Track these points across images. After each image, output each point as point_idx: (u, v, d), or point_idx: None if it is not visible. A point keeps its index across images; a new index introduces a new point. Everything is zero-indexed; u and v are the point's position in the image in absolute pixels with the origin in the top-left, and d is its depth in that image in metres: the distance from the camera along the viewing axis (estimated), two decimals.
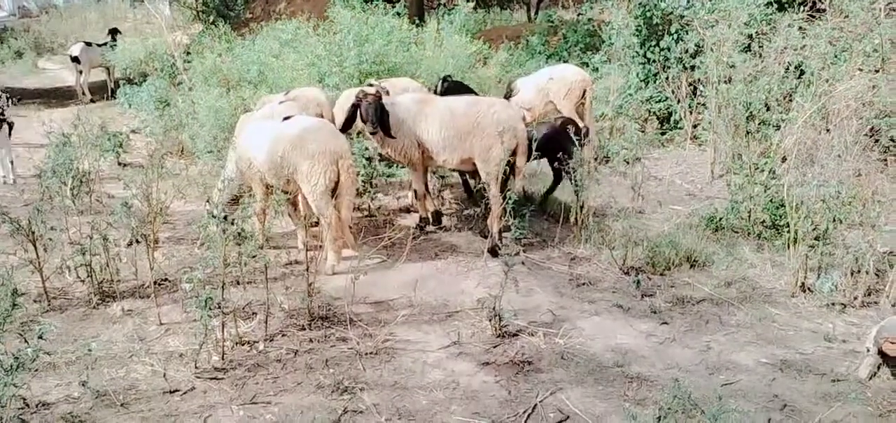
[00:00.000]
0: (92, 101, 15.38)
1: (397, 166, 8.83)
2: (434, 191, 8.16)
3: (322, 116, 8.15)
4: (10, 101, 9.21)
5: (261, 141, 6.36)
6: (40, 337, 3.98)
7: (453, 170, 7.86)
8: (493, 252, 6.74)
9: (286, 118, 6.54)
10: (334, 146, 6.21)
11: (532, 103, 9.39)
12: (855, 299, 5.90)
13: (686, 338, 5.43)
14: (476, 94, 8.56)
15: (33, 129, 10.63)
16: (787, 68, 9.00)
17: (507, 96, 7.31)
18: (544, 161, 7.80)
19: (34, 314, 5.52)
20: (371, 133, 6.89)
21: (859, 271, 5.91)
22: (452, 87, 8.82)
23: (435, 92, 8.79)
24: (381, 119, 6.75)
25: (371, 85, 7.12)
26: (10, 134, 9.38)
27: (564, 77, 9.37)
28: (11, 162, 9.37)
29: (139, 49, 14.76)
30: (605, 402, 4.55)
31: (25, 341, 4.34)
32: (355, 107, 6.87)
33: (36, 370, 4.57)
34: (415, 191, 7.54)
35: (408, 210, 8.12)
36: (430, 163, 7.26)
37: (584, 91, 9.27)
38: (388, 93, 7.03)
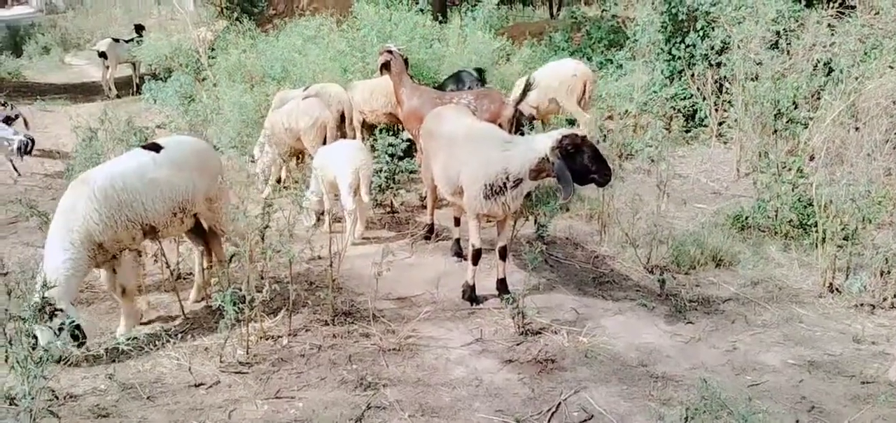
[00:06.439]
0: (118, 96, 15.55)
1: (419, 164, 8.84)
2: None
3: (342, 113, 8.21)
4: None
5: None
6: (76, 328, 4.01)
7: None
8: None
9: None
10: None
11: (537, 102, 9.35)
12: (884, 300, 5.80)
13: (711, 338, 5.37)
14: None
15: (61, 123, 10.76)
16: (816, 66, 8.87)
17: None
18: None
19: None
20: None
21: (889, 272, 5.80)
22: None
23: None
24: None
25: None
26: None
27: (557, 72, 9.45)
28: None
29: (164, 45, 14.89)
30: (629, 401, 4.51)
31: (56, 333, 4.39)
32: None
33: (64, 363, 4.63)
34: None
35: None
36: None
37: (585, 85, 9.23)
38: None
